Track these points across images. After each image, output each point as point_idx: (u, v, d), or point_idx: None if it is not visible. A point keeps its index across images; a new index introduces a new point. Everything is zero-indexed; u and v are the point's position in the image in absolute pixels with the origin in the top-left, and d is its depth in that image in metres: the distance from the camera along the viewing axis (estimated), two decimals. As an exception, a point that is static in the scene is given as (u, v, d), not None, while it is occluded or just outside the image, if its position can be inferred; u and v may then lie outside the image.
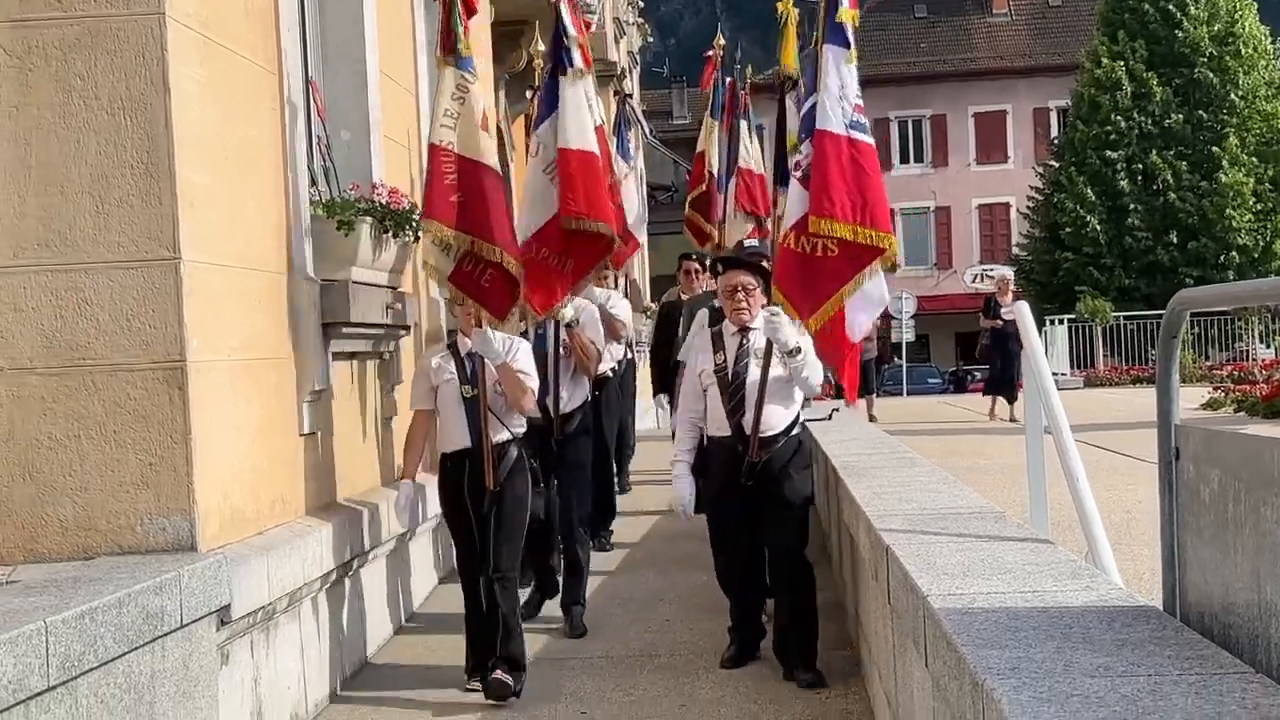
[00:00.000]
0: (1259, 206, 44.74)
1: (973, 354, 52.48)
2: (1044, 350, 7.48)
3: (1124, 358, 35.87)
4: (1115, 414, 18.42)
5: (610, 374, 11.69)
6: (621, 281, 11.78)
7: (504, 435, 7.72)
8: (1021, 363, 8.08)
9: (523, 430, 7.95)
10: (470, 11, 8.13)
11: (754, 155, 16.05)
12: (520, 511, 7.78)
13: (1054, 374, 8.07)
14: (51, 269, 6.25)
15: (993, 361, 22.24)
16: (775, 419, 7.58)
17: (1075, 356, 35.44)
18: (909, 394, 36.35)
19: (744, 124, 15.62)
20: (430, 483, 8.58)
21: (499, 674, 7.31)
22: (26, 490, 6.26)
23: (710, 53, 17.74)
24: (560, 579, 9.57)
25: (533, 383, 7.84)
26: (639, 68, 19.00)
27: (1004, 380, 21.45)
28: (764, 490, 7.54)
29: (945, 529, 6.07)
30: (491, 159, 8.06)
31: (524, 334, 8.93)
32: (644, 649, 8.48)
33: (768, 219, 12.76)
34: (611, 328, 11.13)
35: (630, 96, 20.71)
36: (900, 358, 41.81)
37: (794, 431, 7.75)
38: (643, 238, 15.51)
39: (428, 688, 7.78)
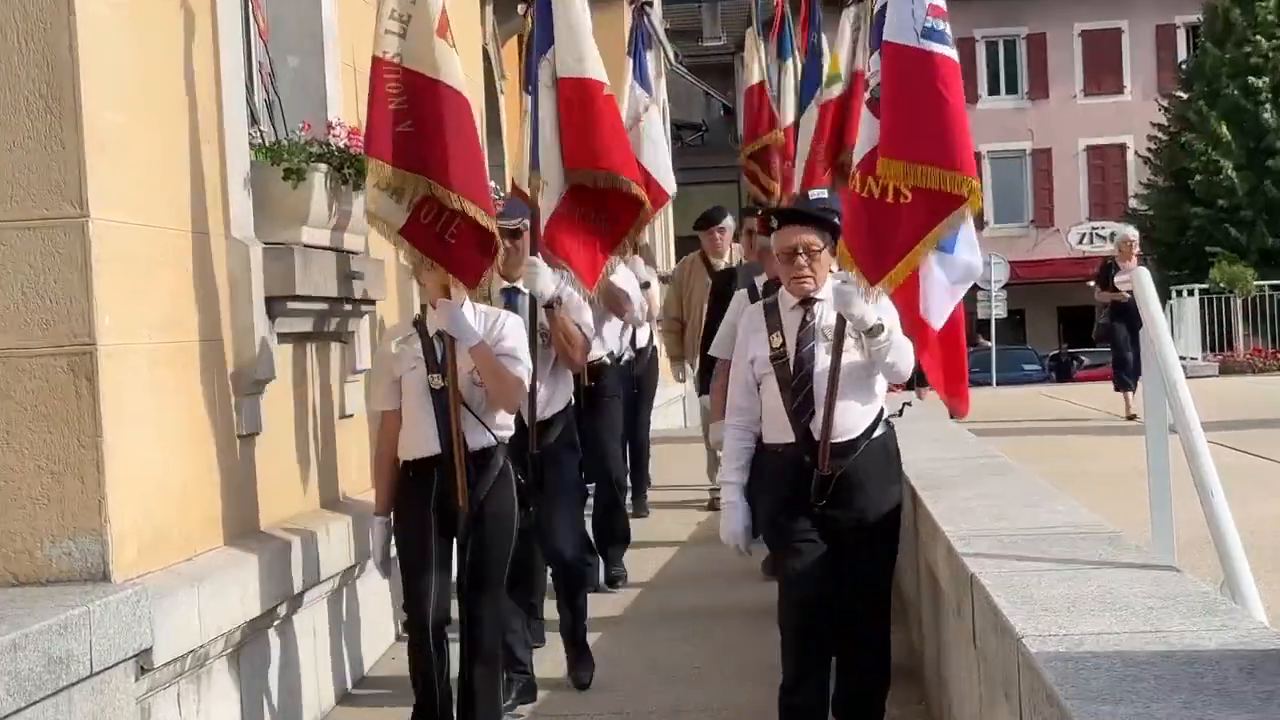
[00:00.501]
0: None
1: (1080, 334, 52.61)
2: (1169, 329, 7.34)
3: (1270, 338, 35.58)
4: (1258, 409, 18.32)
5: (607, 360, 11.02)
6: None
7: (484, 440, 6.97)
8: (1141, 344, 7.73)
9: (509, 434, 7.25)
10: None
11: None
12: (504, 543, 7.08)
13: (1182, 359, 7.96)
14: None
15: (1116, 344, 21.69)
16: (852, 419, 6.58)
17: (1209, 336, 35.05)
18: (999, 384, 36.20)
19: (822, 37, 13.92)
20: None
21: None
22: None
23: None
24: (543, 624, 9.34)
25: (521, 369, 7.09)
26: None
27: (1135, 367, 19.61)
28: (841, 514, 6.58)
29: (1045, 553, 6.02)
30: (452, 76, 7.16)
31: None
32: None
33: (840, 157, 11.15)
34: (614, 301, 10.54)
35: (650, 5, 20.32)
36: (989, 338, 41.57)
37: (877, 433, 6.72)
38: (671, 188, 14.76)
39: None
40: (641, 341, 12.79)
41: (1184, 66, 51.67)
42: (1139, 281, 7.36)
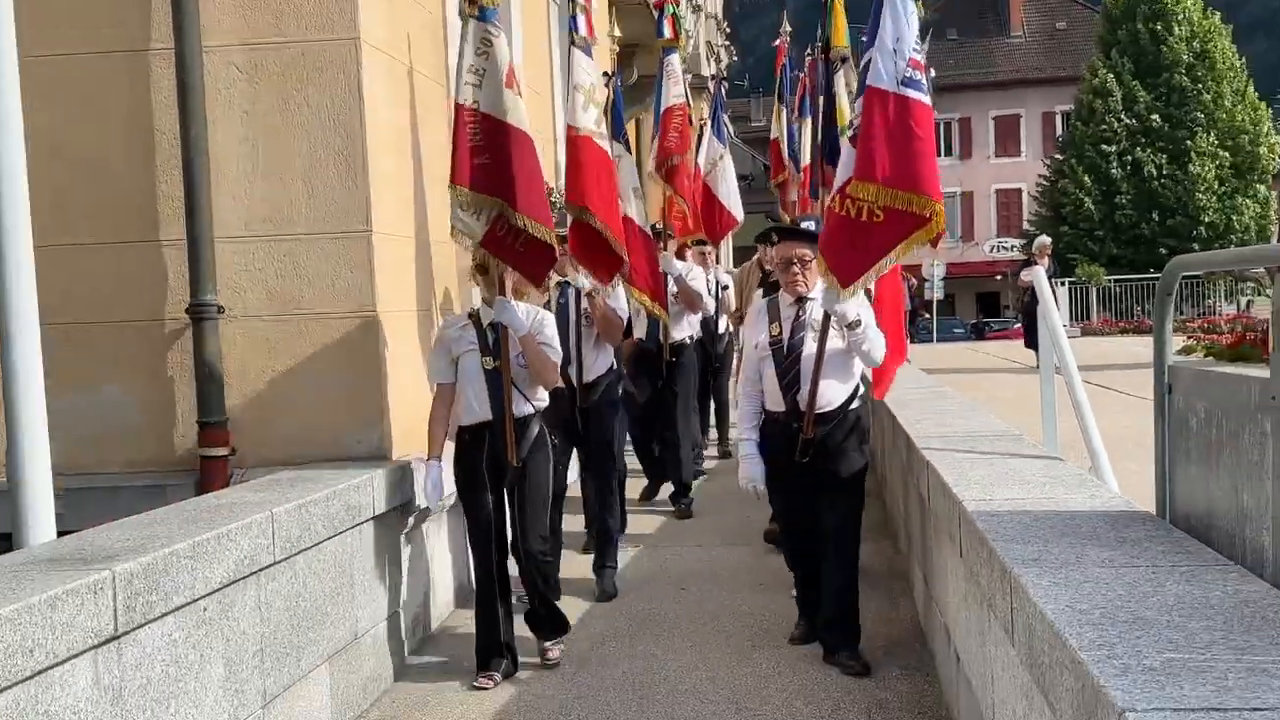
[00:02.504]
0: (1221, 190, 45.00)
1: (990, 309, 54.29)
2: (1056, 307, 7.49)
3: (1114, 313, 35.98)
4: (1108, 358, 18.35)
5: (688, 341, 10.19)
6: (672, 244, 10.34)
7: (526, 409, 6.24)
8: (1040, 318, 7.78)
9: (545, 405, 6.47)
10: None
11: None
12: (543, 488, 6.35)
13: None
14: (274, 239, 6.47)
15: (1030, 316, 21.09)
16: (832, 394, 6.06)
17: (1074, 312, 35.23)
18: (939, 342, 36.23)
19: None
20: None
21: (550, 652, 6.29)
22: (255, 412, 6.49)
23: (777, 42, 16.02)
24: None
25: (556, 356, 6.35)
26: (726, 82, 18.57)
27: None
28: (821, 467, 6.06)
29: (974, 448, 6.12)
30: (518, 119, 6.31)
31: (545, 304, 7.19)
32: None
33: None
34: (688, 299, 9.98)
35: (725, 80, 19.97)
36: (931, 313, 41.82)
37: (853, 406, 6.18)
38: (739, 215, 13.92)
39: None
40: (721, 329, 11.80)
41: (1060, 139, 51.90)
42: (1037, 278, 7.63)
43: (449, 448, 6.40)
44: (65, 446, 5.85)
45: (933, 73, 6.35)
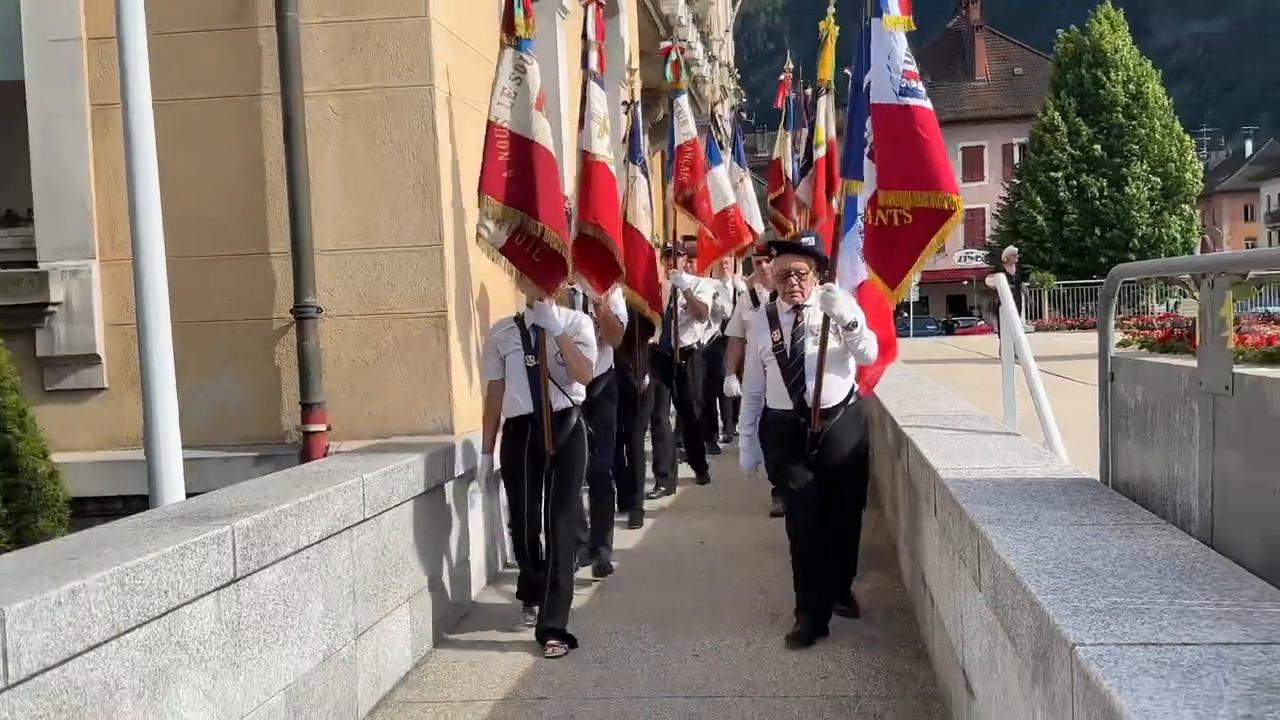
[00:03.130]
0: (1152, 209, 45.07)
1: (958, 309, 54.16)
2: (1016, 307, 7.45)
3: (1063, 312, 36.08)
4: (1058, 350, 18.28)
5: (695, 346, 9.68)
6: (681, 260, 9.64)
7: (564, 403, 5.83)
8: (1001, 317, 7.70)
9: (581, 399, 6.01)
10: None
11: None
12: (576, 476, 5.90)
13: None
14: (362, 251, 6.51)
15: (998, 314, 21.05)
16: (834, 390, 5.61)
17: (1027, 311, 35.40)
18: (915, 337, 36.16)
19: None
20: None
21: (552, 647, 5.59)
22: (347, 395, 6.54)
23: (782, 77, 15.10)
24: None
25: (591, 354, 5.91)
26: (745, 113, 18.37)
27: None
28: (829, 457, 5.59)
29: (945, 425, 6.15)
30: (544, 138, 5.97)
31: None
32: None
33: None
34: (695, 310, 9.38)
35: (744, 112, 19.71)
36: (908, 312, 41.76)
37: (851, 400, 5.72)
38: (760, 228, 13.25)
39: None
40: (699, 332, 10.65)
41: (1017, 166, 51.93)
42: (999, 282, 7.59)
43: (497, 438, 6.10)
44: (191, 424, 5.90)
45: (928, 78, 5.70)
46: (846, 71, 6.57)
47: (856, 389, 5.78)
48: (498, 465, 6.08)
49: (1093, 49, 46.22)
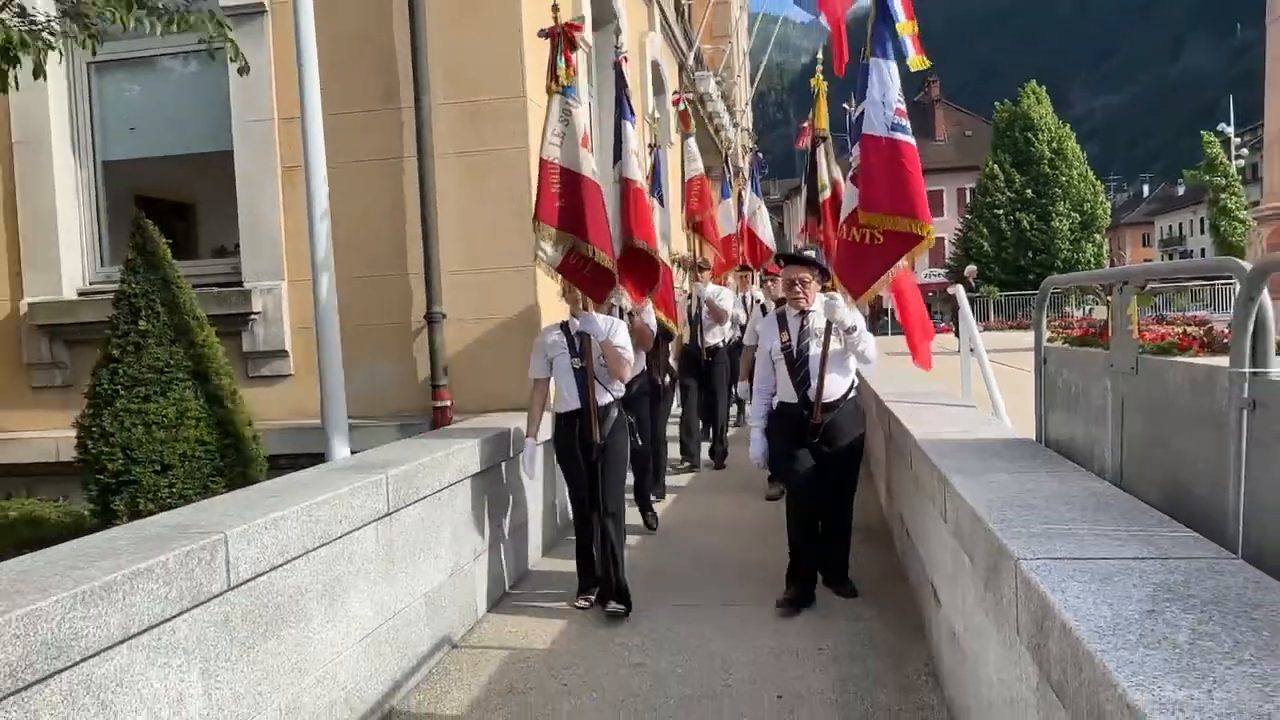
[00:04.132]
0: (1072, 237, 44.59)
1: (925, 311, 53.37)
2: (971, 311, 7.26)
3: (1005, 316, 35.65)
4: (1001, 345, 18.00)
5: (719, 345, 8.75)
6: (705, 274, 8.98)
7: (607, 398, 5.18)
8: (960, 319, 7.43)
9: (622, 394, 5.34)
10: (571, 47, 5.39)
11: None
12: (622, 460, 5.22)
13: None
14: (474, 272, 6.48)
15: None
16: (835, 387, 4.97)
17: (977, 315, 35.14)
18: (891, 335, 35.88)
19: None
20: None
21: (613, 605, 5.00)
22: (462, 379, 6.51)
23: (804, 124, 13.59)
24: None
25: (629, 355, 5.21)
26: (761, 154, 18.04)
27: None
28: (828, 445, 4.93)
29: (919, 401, 6.08)
30: (590, 170, 5.39)
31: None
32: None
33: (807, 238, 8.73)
34: (716, 315, 8.60)
35: (760, 155, 19.24)
36: (887, 315, 41.50)
37: (850, 396, 5.06)
38: (774, 247, 12.48)
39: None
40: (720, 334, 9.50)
41: (968, 205, 51.21)
42: (959, 292, 7.45)
43: (547, 432, 5.43)
44: (353, 401, 5.94)
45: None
46: (845, 106, 6.08)
47: (856, 385, 5.13)
48: (540, 450, 5.37)
49: (1023, 117, 45.72)
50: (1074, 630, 1.86)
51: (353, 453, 5.21)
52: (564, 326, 5.24)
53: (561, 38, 5.31)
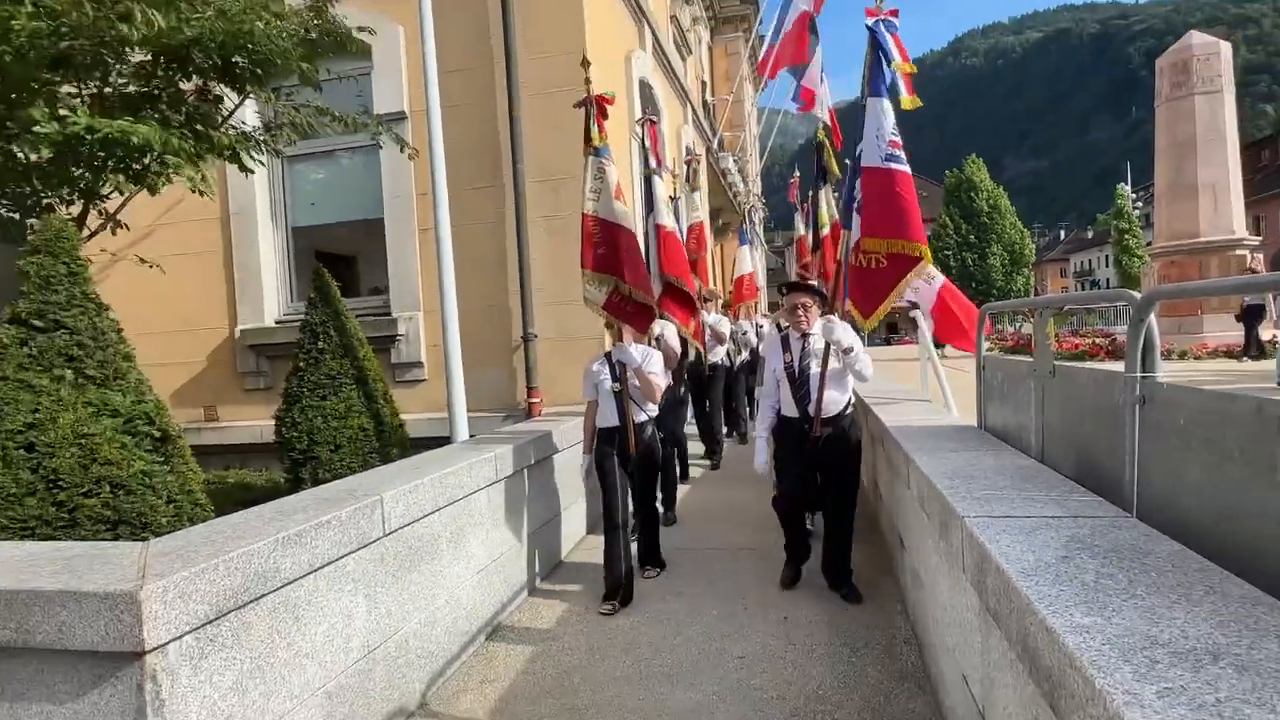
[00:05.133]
0: (1004, 271, 43.83)
1: (892, 329, 50.79)
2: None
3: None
4: (952, 354, 17.60)
5: (719, 362, 7.69)
6: (709, 305, 7.68)
7: (641, 417, 4.52)
8: (919, 335, 7.14)
9: (655, 414, 4.62)
10: (603, 115, 4.77)
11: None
12: (654, 467, 4.52)
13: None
14: (556, 304, 6.41)
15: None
16: (833, 403, 4.21)
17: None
18: (868, 346, 34.92)
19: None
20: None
21: (649, 571, 4.63)
22: (549, 382, 6.46)
23: (792, 180, 12.02)
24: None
25: (660, 380, 4.54)
26: (765, 208, 17.49)
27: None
28: (826, 455, 4.18)
29: (890, 398, 5.95)
30: (625, 220, 4.69)
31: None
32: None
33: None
34: (717, 337, 7.78)
35: (759, 213, 18.72)
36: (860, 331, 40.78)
37: (848, 411, 4.27)
38: (763, 285, 12.16)
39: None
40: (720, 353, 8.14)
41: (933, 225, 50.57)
42: (920, 315, 7.17)
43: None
44: (470, 398, 5.93)
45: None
46: (847, 161, 5.36)
47: (853, 401, 4.49)
48: (591, 459, 4.78)
49: (967, 180, 45.02)
50: (1006, 571, 1.83)
51: (471, 437, 5.23)
52: (608, 356, 4.74)
53: (594, 105, 4.86)
